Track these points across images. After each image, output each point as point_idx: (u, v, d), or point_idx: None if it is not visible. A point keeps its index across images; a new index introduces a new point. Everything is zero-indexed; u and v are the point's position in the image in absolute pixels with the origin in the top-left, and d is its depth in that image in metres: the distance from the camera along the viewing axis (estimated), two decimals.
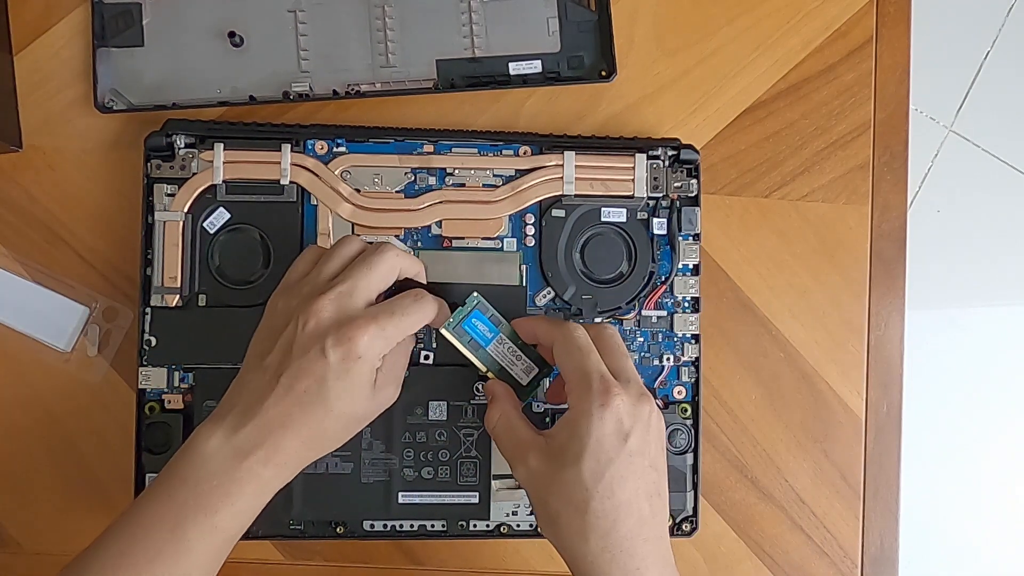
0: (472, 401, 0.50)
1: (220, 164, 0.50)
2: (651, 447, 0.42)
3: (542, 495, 0.42)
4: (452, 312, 0.46)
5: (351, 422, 0.43)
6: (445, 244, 0.51)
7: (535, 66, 0.53)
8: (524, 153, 0.52)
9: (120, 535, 0.41)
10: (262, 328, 0.44)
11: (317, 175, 0.51)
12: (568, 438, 0.41)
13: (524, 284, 0.51)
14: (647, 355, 0.52)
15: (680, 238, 0.52)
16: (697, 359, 0.52)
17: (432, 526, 0.50)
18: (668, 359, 0.52)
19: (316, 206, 0.51)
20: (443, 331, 0.45)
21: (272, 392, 0.41)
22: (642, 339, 0.52)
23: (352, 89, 0.53)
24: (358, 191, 0.51)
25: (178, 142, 0.50)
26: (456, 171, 0.51)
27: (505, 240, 0.51)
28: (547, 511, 0.42)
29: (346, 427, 0.43)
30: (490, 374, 0.46)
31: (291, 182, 0.50)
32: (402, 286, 0.45)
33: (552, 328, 0.44)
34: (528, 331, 0.46)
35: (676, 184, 0.52)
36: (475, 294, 0.46)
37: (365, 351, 0.41)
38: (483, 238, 0.51)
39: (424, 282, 0.46)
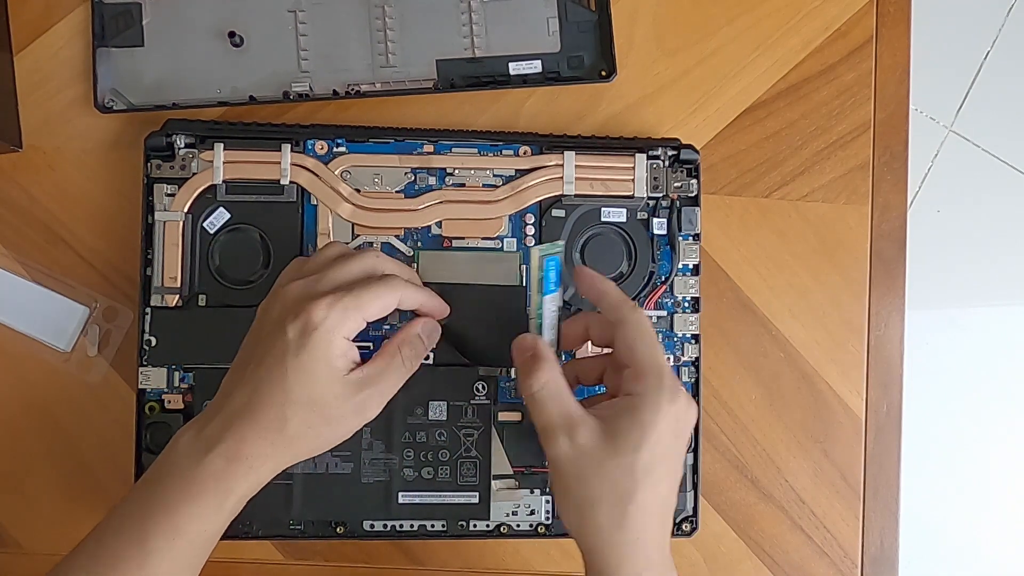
0: (472, 401, 0.50)
1: (220, 164, 0.50)
2: (686, 449, 0.44)
3: (585, 476, 0.40)
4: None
5: (315, 415, 0.40)
6: (445, 244, 0.51)
7: (535, 66, 0.53)
8: (524, 153, 0.52)
9: (92, 539, 0.40)
10: (248, 332, 0.43)
11: (317, 175, 0.51)
12: (629, 425, 0.40)
13: (524, 284, 0.51)
14: None
15: (680, 238, 0.52)
16: (697, 359, 0.52)
17: (432, 526, 0.50)
18: (668, 359, 0.52)
19: (316, 206, 0.51)
20: (532, 249, 0.43)
21: (240, 382, 0.40)
22: None
23: (352, 89, 0.53)
24: (358, 191, 0.51)
25: (178, 142, 0.50)
26: (456, 171, 0.51)
27: (505, 240, 0.51)
28: (585, 493, 0.40)
29: (309, 422, 0.40)
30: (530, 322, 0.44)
31: (291, 182, 0.50)
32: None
33: (623, 304, 0.43)
34: (590, 287, 0.44)
35: (676, 184, 0.52)
36: (561, 243, 0.44)
37: (321, 321, 0.39)
38: (483, 238, 0.51)
39: (440, 316, 0.45)
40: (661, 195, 0.52)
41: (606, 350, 0.47)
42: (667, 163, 0.52)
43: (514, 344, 0.44)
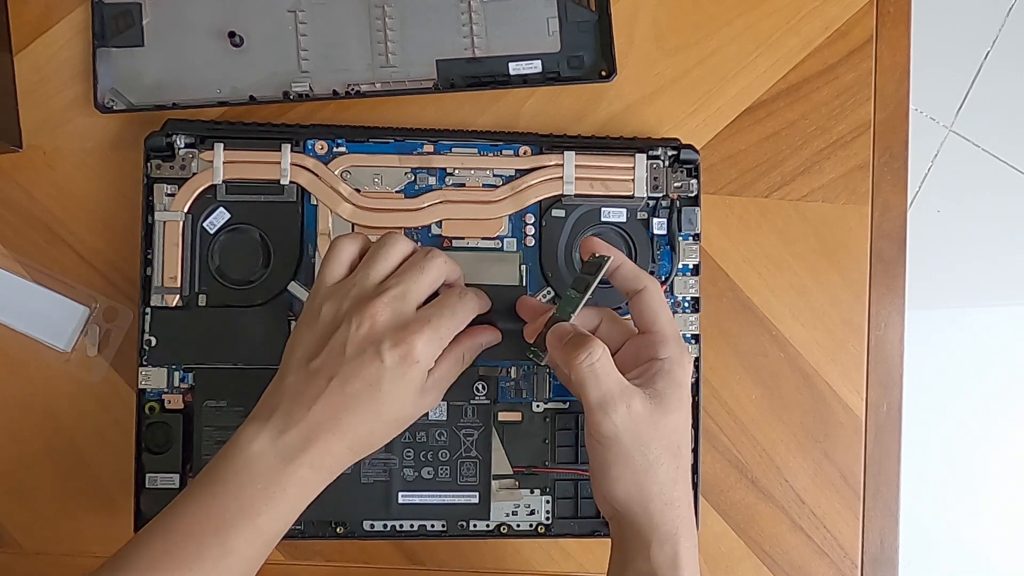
0: (472, 401, 0.50)
1: (220, 164, 0.50)
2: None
3: (645, 439, 0.42)
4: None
5: (395, 426, 0.43)
6: (445, 244, 0.51)
7: (535, 66, 0.53)
8: (524, 153, 0.52)
9: (161, 535, 0.40)
10: (304, 331, 0.43)
11: (317, 175, 0.51)
12: (668, 385, 0.43)
13: (524, 284, 0.51)
14: None
15: (680, 238, 0.52)
16: (697, 359, 0.52)
17: (432, 526, 0.50)
18: None
19: (316, 206, 0.51)
20: (604, 258, 0.45)
21: (321, 395, 0.41)
22: None
23: (352, 89, 0.53)
24: (358, 191, 0.51)
25: (178, 142, 0.50)
26: (456, 171, 0.51)
27: (505, 240, 0.51)
28: (647, 458, 0.42)
29: (391, 432, 0.43)
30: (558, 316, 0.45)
31: (291, 182, 0.50)
32: None
33: (641, 274, 0.45)
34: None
35: (676, 184, 0.52)
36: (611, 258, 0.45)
37: (422, 354, 0.41)
38: (483, 238, 0.51)
39: (463, 285, 0.47)
40: (661, 195, 0.52)
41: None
42: (667, 163, 0.52)
43: (551, 332, 0.44)
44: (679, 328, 0.45)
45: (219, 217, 0.50)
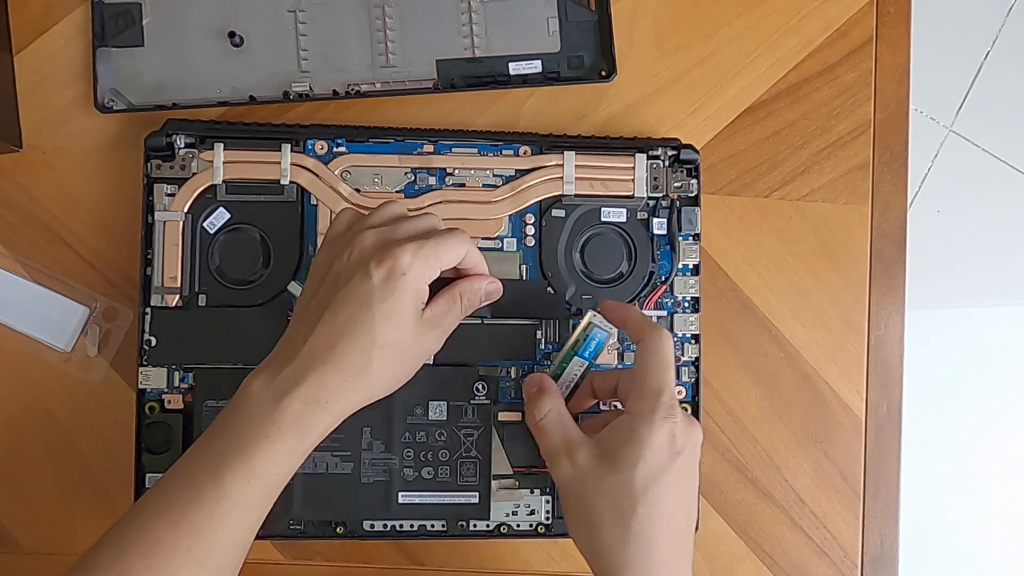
0: (472, 401, 0.50)
1: (220, 164, 0.50)
2: (694, 470, 0.44)
3: (587, 496, 0.42)
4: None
5: (395, 357, 0.41)
6: None
7: (535, 66, 0.53)
8: (524, 153, 0.52)
9: (166, 483, 0.41)
10: (307, 283, 0.44)
11: (317, 175, 0.51)
12: (624, 442, 0.42)
13: (525, 279, 0.51)
14: None
15: (680, 238, 0.52)
16: (697, 359, 0.52)
17: (432, 526, 0.50)
18: None
19: (316, 206, 0.51)
20: (590, 313, 0.46)
21: (315, 327, 0.40)
22: None
23: (352, 89, 0.53)
24: (358, 191, 0.51)
25: (178, 142, 0.50)
26: (456, 171, 0.51)
27: (505, 240, 0.51)
28: (589, 513, 0.42)
29: (390, 364, 0.41)
30: (547, 371, 0.47)
31: (291, 182, 0.50)
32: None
33: (645, 326, 0.45)
34: (615, 313, 0.46)
35: (676, 184, 0.52)
36: (615, 331, 0.47)
37: (408, 267, 0.40)
38: (483, 238, 0.51)
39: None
40: (661, 195, 0.52)
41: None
42: (667, 163, 0.52)
43: (524, 382, 0.47)
44: (672, 387, 0.43)
45: (219, 217, 0.50)
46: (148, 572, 0.38)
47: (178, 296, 0.50)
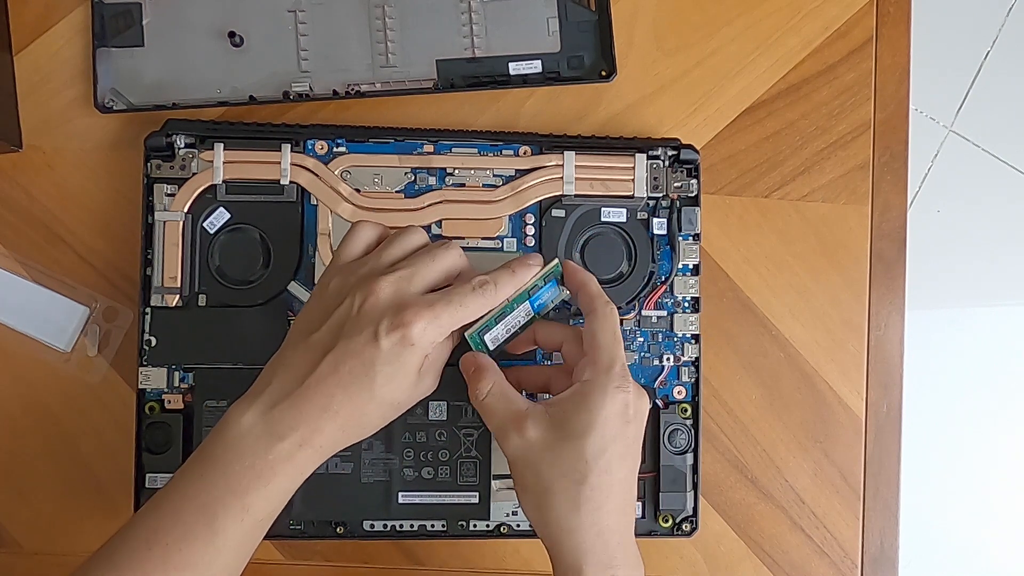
0: None
1: (220, 164, 0.50)
2: (640, 440, 0.44)
3: (537, 465, 0.42)
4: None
5: (391, 409, 0.42)
6: None
7: (535, 66, 0.53)
8: (524, 153, 0.52)
9: (152, 515, 0.40)
10: (311, 305, 0.43)
11: (317, 175, 0.51)
12: (574, 410, 0.42)
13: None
14: (647, 355, 0.52)
15: (680, 238, 0.52)
16: (697, 359, 0.52)
17: (432, 526, 0.50)
18: (668, 359, 0.52)
19: (316, 206, 0.51)
20: (559, 260, 0.45)
21: (315, 371, 0.40)
22: (642, 339, 0.52)
23: (352, 89, 0.53)
24: (358, 191, 0.51)
25: (178, 142, 0.50)
26: (456, 171, 0.51)
27: (505, 240, 0.51)
28: (540, 481, 0.41)
29: (384, 414, 0.42)
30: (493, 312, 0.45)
31: (291, 182, 0.50)
32: None
33: (598, 299, 0.44)
34: (572, 276, 0.45)
35: (676, 184, 0.52)
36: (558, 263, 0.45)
37: (419, 338, 0.40)
38: (483, 238, 0.51)
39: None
40: (661, 195, 0.52)
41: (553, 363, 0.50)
42: (667, 163, 0.52)
43: (461, 363, 0.45)
44: (623, 359, 0.43)
45: (219, 217, 0.50)
46: None
47: (178, 296, 0.50)
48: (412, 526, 0.50)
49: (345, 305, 0.41)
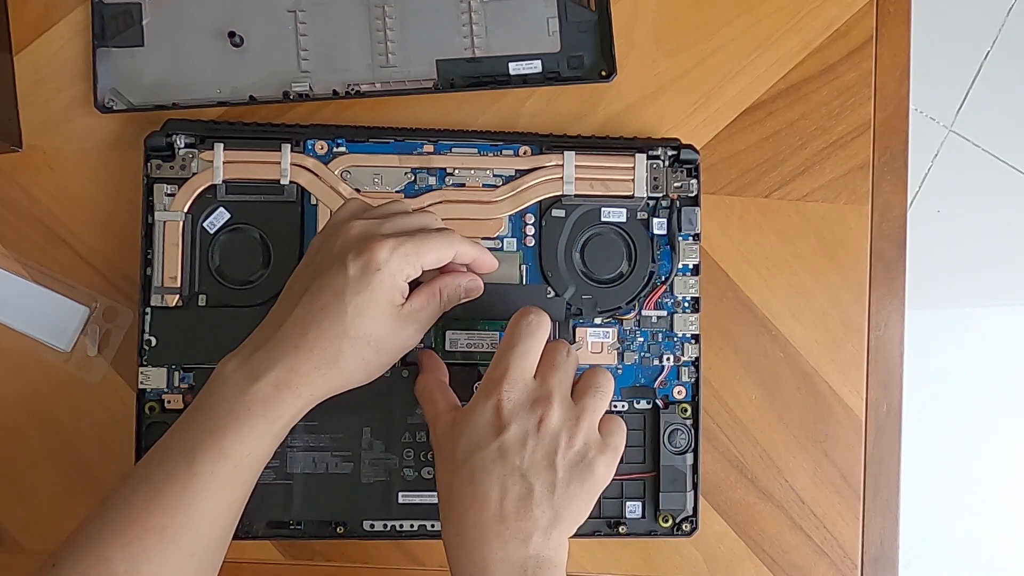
0: None
1: (220, 164, 0.50)
2: (531, 454, 0.41)
3: (438, 461, 0.43)
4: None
5: (366, 347, 0.41)
6: None
7: (535, 66, 0.53)
8: (524, 153, 0.52)
9: (144, 464, 0.41)
10: (300, 263, 0.45)
11: (317, 175, 0.51)
12: (462, 416, 0.43)
13: (524, 283, 0.51)
14: (647, 355, 0.52)
15: (680, 238, 0.52)
16: (697, 359, 0.52)
17: (432, 526, 0.50)
18: (668, 359, 0.52)
19: (316, 206, 0.51)
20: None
21: (291, 312, 0.41)
22: (642, 339, 0.52)
23: (352, 89, 0.53)
24: (358, 191, 0.51)
25: (178, 142, 0.50)
26: (456, 171, 0.51)
27: (505, 240, 0.51)
28: (439, 476, 0.43)
29: (361, 353, 0.41)
30: None
31: (291, 182, 0.50)
32: None
33: (522, 312, 0.44)
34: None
35: (676, 184, 0.52)
36: None
37: (384, 262, 0.41)
38: (483, 238, 0.51)
39: (490, 270, 0.47)
40: (661, 195, 0.52)
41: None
42: (667, 163, 0.52)
43: (418, 356, 0.49)
44: (515, 364, 0.42)
45: (219, 217, 0.50)
46: (123, 551, 0.39)
47: (178, 296, 0.50)
48: (412, 526, 0.50)
49: (322, 250, 0.43)
